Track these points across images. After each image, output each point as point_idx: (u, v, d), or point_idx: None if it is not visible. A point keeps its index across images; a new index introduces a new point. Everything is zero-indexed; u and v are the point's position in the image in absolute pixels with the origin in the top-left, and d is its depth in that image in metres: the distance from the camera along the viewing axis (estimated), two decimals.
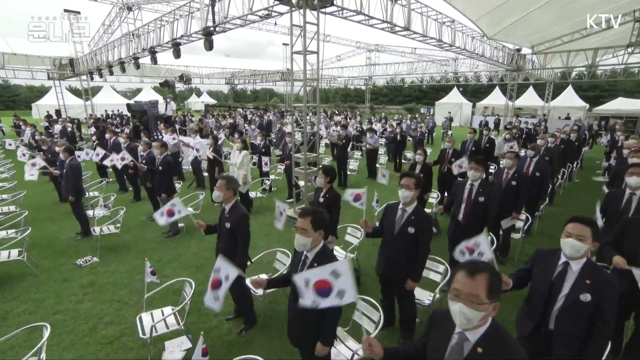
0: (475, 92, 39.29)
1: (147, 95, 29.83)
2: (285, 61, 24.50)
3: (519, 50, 14.16)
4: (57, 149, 7.35)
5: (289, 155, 7.84)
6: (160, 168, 5.97)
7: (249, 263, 3.61)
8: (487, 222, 4.11)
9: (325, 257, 2.36)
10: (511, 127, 11.67)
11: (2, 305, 4.27)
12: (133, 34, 11.36)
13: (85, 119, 19.39)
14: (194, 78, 22.56)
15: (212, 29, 7.99)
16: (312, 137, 7.28)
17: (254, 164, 8.66)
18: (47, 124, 16.34)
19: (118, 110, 24.21)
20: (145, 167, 6.27)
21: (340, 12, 7.29)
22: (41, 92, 49.82)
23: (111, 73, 13.68)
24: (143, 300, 3.63)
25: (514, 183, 4.95)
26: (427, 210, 6.21)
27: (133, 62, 11.43)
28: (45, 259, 5.43)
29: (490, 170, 8.58)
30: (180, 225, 6.43)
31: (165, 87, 14.04)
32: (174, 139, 9.13)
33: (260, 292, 3.83)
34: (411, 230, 3.21)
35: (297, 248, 2.41)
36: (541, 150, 6.45)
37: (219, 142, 9.77)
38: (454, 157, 7.02)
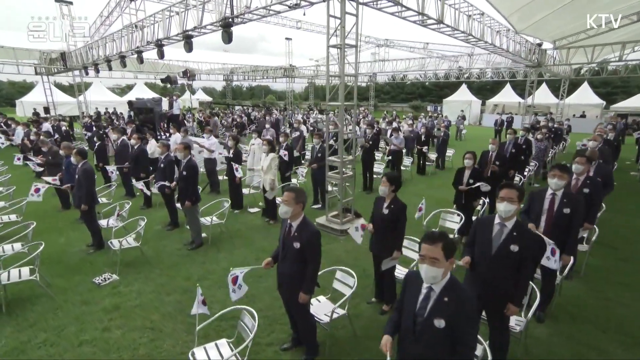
0: (480, 89, 39.27)
1: (141, 92, 29.14)
2: (288, 57, 24.03)
3: (540, 45, 13.92)
4: (61, 151, 6.86)
5: (317, 157, 7.46)
6: (184, 173, 5.54)
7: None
8: (573, 236, 3.77)
9: (456, 291, 2.01)
10: (540, 126, 11.42)
11: (18, 335, 3.82)
12: (136, 26, 10.83)
13: (81, 116, 18.69)
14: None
15: (230, 19, 7.55)
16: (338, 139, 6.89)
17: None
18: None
19: (114, 108, 23.53)
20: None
21: (375, 2, 6.93)
22: (24, 87, 48.73)
23: (110, 68, 13.11)
24: (195, 333, 3.20)
25: (586, 190, 4.63)
26: (474, 217, 5.87)
27: (136, 56, 10.91)
28: (58, 277, 4.97)
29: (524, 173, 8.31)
30: (203, 235, 6.00)
31: (167, 83, 13.54)
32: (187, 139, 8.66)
33: (326, 319, 3.45)
34: (514, 248, 2.86)
35: (425, 281, 2.04)
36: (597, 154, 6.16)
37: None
38: (497, 160, 6.72)
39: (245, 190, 7.60)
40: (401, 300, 2.32)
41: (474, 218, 5.70)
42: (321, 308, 3.66)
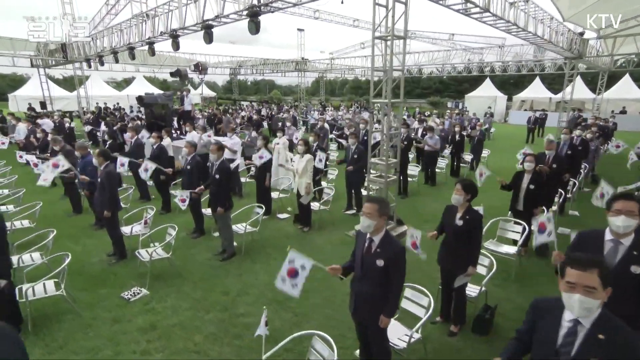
0: (503, 83, 38.85)
1: (141, 86, 29.14)
2: (299, 49, 23.86)
3: (582, 34, 13.58)
4: (77, 152, 6.72)
5: (353, 159, 7.26)
6: (217, 176, 5.35)
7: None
8: None
9: (614, 328, 1.80)
10: (590, 125, 11.13)
11: (48, 357, 3.65)
12: (147, 15, 10.71)
13: (82, 112, 18.66)
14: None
15: (258, 8, 7.38)
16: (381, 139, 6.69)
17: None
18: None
19: (117, 103, 23.50)
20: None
21: None
22: (15, 81, 49.11)
23: (116, 60, 13.01)
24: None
25: None
26: (534, 227, 5.63)
27: (147, 47, 10.78)
28: (82, 291, 4.81)
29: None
30: (235, 244, 5.82)
31: (177, 77, 13.40)
32: (207, 137, 8.51)
33: (401, 344, 3.24)
34: (636, 270, 2.62)
35: (576, 313, 1.82)
36: None
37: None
38: (555, 163, 6.48)
39: (274, 195, 7.41)
40: (528, 330, 2.11)
41: (533, 227, 5.47)
42: (392, 332, 3.45)
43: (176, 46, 9.71)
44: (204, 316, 4.28)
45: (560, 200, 6.72)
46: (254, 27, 7.34)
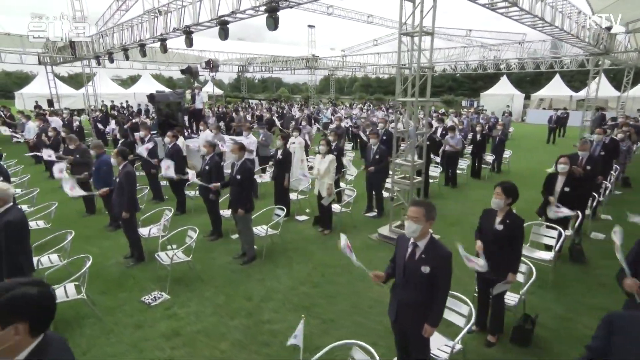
0: (519, 81, 38.40)
1: (148, 84, 29.32)
2: (310, 46, 23.81)
3: (609, 29, 13.30)
4: (92, 151, 6.74)
5: (375, 160, 7.17)
6: (238, 177, 5.30)
7: None
8: None
9: None
10: (621, 124, 10.90)
11: None
12: (159, 11, 10.73)
13: (89, 110, 18.81)
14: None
15: (276, 3, 7.34)
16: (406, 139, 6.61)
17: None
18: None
19: (126, 101, 23.68)
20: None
21: None
22: (21, 78, 49.78)
23: (127, 57, 13.08)
24: None
25: None
26: (569, 232, 5.50)
27: (160, 44, 10.80)
28: (101, 295, 4.79)
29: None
30: (255, 247, 5.77)
31: (188, 75, 13.43)
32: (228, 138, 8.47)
33: (443, 355, 3.15)
34: None
35: None
36: None
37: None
38: (588, 164, 6.33)
39: (292, 196, 7.35)
40: (603, 347, 1.96)
41: (567, 232, 5.34)
42: (432, 342, 3.35)
43: (189, 42, 9.72)
44: (228, 322, 4.24)
45: (594, 204, 6.57)
46: (273, 23, 7.30)
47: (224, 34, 8.53)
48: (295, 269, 5.41)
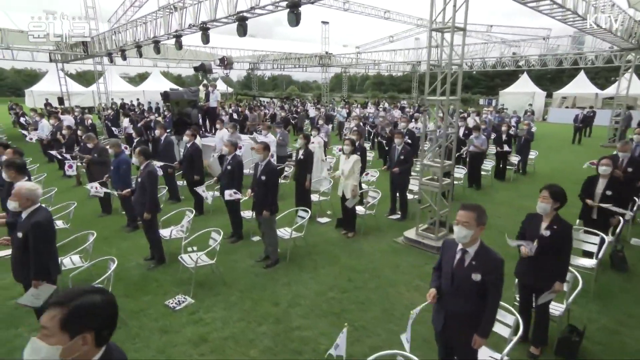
0: (539, 79, 37.86)
1: (157, 81, 29.57)
2: (324, 43, 23.75)
3: None
4: (110, 150, 6.77)
5: (400, 160, 7.09)
6: (263, 178, 5.26)
7: None
8: None
9: None
10: None
11: None
12: (175, 7, 10.78)
13: (100, 108, 19.01)
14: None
15: None
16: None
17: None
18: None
19: (137, 99, 23.92)
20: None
21: None
22: (30, 76, 50.74)
23: (140, 55, 13.18)
24: None
25: None
26: (609, 238, 5.33)
27: (175, 41, 10.85)
28: (124, 297, 4.78)
29: None
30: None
31: (201, 72, 13.46)
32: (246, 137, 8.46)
33: None
34: None
35: None
36: None
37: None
38: (630, 166, 6.16)
39: (313, 197, 7.30)
40: None
41: (609, 239, 5.19)
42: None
43: (206, 39, 9.73)
44: (256, 328, 4.19)
45: (635, 208, 6.38)
46: (294, 19, 7.26)
47: (242, 31, 8.52)
48: (321, 273, 5.35)
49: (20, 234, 3.55)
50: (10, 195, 4.39)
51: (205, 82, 12.69)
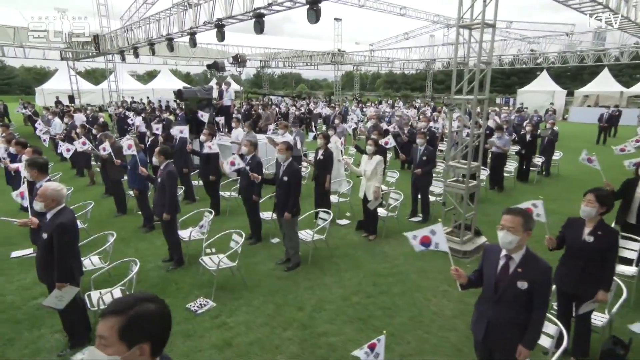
0: (558, 76, 37.27)
1: (167, 80, 29.80)
2: (336, 40, 23.70)
3: None
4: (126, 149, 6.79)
5: (422, 161, 7.00)
6: (285, 179, 5.23)
7: None
8: None
9: None
10: None
11: None
12: (189, 4, 10.82)
13: (112, 106, 19.21)
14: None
15: None
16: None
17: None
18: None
19: (147, 97, 24.15)
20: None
21: None
22: (40, 74, 51.59)
23: (153, 52, 13.28)
24: None
25: None
26: None
27: (189, 38, 10.90)
28: None
29: None
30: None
31: (214, 70, 13.52)
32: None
33: None
34: None
35: None
36: None
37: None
38: None
39: (333, 198, 7.25)
40: None
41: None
42: None
43: (221, 36, 9.75)
44: (281, 334, 4.15)
45: None
46: (314, 16, 7.22)
47: (259, 28, 8.51)
48: (344, 277, 5.30)
49: (45, 235, 3.56)
50: (34, 193, 4.47)
51: (217, 80, 12.73)
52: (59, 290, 3.55)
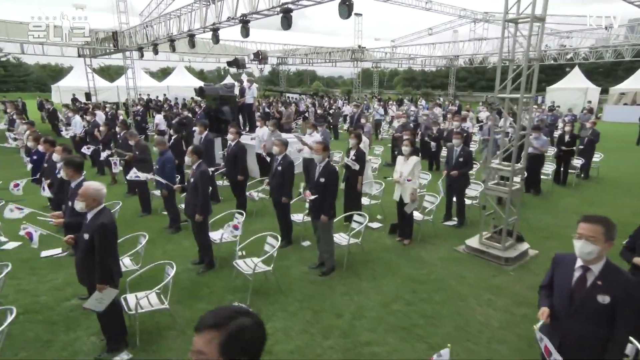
0: (590, 73, 36.36)
1: (182, 77, 30.14)
2: (356, 36, 23.60)
3: None
4: (155, 148, 6.86)
5: (458, 162, 6.89)
6: (322, 180, 5.19)
7: None
8: None
9: None
10: None
11: None
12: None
13: (129, 104, 19.52)
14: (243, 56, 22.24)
15: None
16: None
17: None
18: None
19: (164, 95, 24.49)
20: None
21: None
22: (55, 71, 52.84)
23: (173, 49, 13.42)
24: None
25: None
26: None
27: (212, 34, 10.97)
28: (178, 304, 4.79)
29: None
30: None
31: (234, 67, 13.58)
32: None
33: None
34: None
35: None
36: None
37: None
38: None
39: (364, 201, 7.19)
40: None
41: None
42: None
43: (246, 32, 9.78)
44: (322, 342, 4.11)
45: None
46: (346, 11, 7.17)
47: (287, 23, 8.49)
48: (381, 283, 5.23)
49: (86, 236, 3.59)
50: (70, 192, 4.53)
51: (246, 75, 12.79)
52: (100, 293, 3.58)
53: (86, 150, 10.18)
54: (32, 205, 4.94)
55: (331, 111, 18.09)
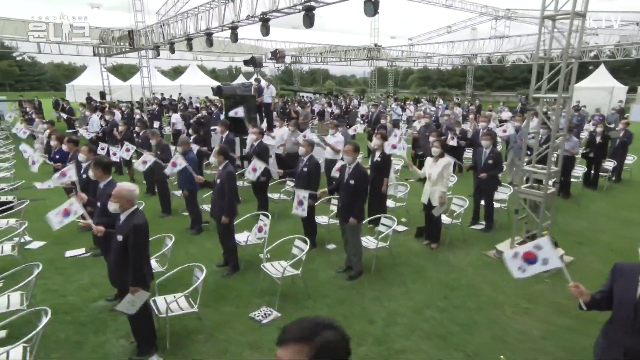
0: (614, 71, 35.60)
1: (195, 76, 30.37)
2: (373, 34, 23.50)
3: None
4: (178, 148, 6.90)
5: (487, 164, 6.78)
6: (351, 182, 5.15)
7: None
8: None
9: None
10: None
11: None
12: None
13: (148, 102, 19.76)
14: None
15: None
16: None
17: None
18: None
19: (179, 94, 24.75)
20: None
21: None
22: (69, 70, 53.74)
23: (190, 48, 13.51)
24: None
25: None
26: None
27: (230, 32, 11.01)
28: (205, 308, 4.76)
29: None
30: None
31: (251, 66, 13.62)
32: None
33: None
34: None
35: None
36: None
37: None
38: None
39: (390, 203, 7.13)
40: None
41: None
42: None
43: (266, 31, 9.79)
44: (356, 349, 4.06)
45: None
46: (372, 9, 7.12)
47: (309, 21, 8.47)
48: (412, 289, 5.17)
49: (120, 237, 3.61)
50: (98, 193, 4.57)
51: (256, 76, 12.81)
52: (132, 295, 3.58)
53: (100, 150, 10.27)
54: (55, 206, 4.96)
55: (348, 110, 18.10)
